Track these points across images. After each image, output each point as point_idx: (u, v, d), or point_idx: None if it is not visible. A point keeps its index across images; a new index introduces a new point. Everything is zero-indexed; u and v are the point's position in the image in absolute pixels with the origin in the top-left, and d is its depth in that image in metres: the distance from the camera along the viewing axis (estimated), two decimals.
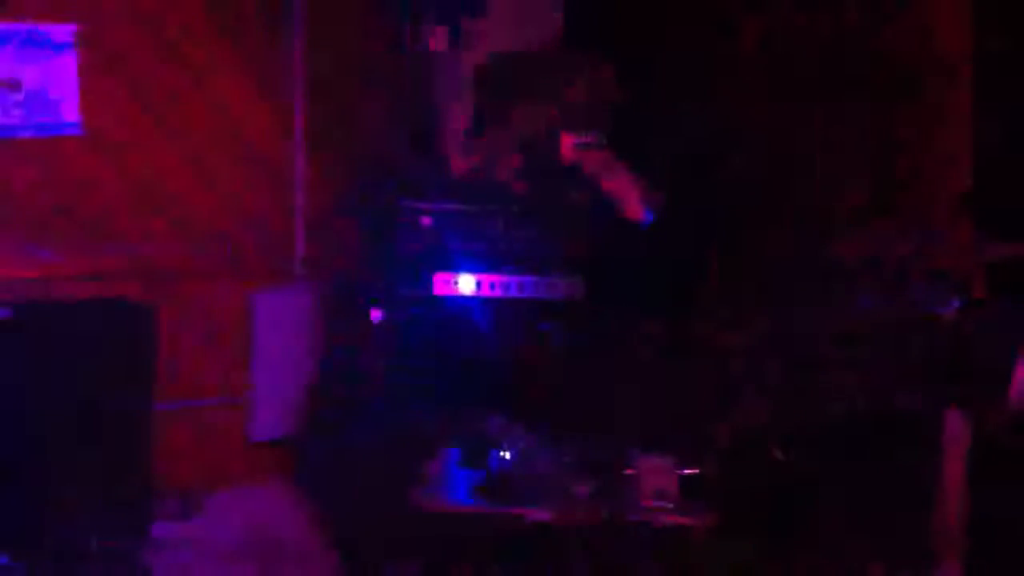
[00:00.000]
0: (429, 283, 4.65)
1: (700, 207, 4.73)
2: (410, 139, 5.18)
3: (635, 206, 4.64)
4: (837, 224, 4.64)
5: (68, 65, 4.45)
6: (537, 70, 5.09)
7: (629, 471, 3.86)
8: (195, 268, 4.75)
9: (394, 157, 5.04)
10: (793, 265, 4.67)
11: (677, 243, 4.68)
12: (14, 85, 4.36)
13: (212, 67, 4.77)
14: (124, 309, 4.32)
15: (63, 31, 4.44)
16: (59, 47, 4.44)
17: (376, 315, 4.66)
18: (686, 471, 3.85)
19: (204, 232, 4.79)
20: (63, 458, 4.04)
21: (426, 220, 4.73)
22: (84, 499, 4.05)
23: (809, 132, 4.74)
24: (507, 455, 3.95)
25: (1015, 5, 4.17)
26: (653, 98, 4.92)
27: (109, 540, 4.04)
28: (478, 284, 4.67)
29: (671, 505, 3.75)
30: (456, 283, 4.66)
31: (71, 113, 4.47)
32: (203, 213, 4.79)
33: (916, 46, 4.39)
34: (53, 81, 4.44)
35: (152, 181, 4.66)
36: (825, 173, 4.72)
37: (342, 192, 5.06)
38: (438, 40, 5.13)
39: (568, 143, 4.82)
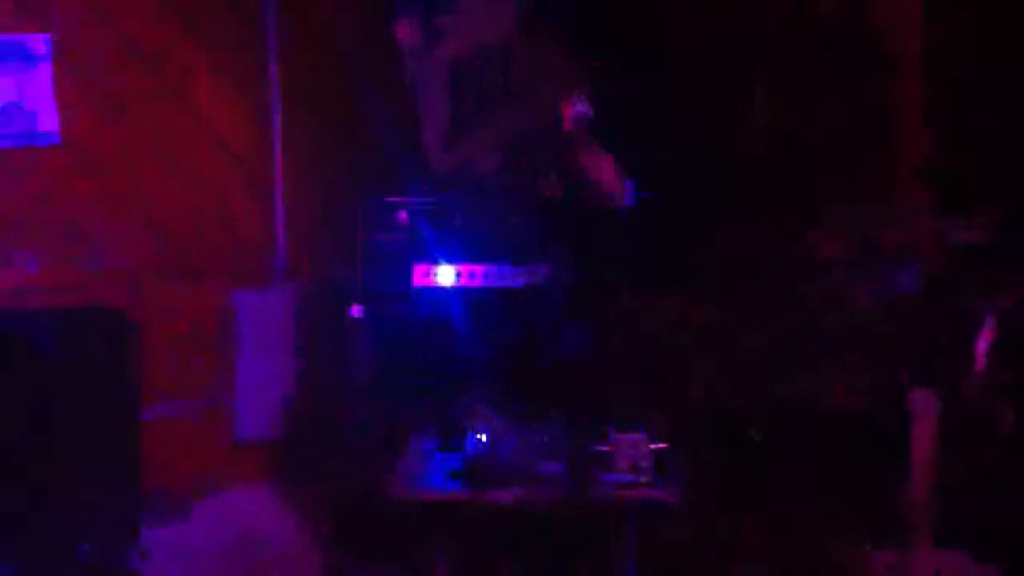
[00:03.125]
0: (408, 276, 4.69)
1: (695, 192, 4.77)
2: (390, 134, 5.22)
3: (617, 188, 4.67)
4: (812, 210, 4.68)
5: (44, 75, 4.53)
6: (512, 63, 5.12)
7: (603, 448, 3.87)
8: (174, 271, 4.78)
9: (373, 153, 5.08)
10: (774, 250, 4.71)
11: (668, 226, 4.72)
12: None
13: (186, 68, 4.83)
14: (104, 316, 4.37)
15: (38, 41, 4.52)
16: (34, 57, 4.52)
17: (356, 311, 4.70)
18: (658, 446, 3.86)
19: (182, 234, 4.83)
20: (51, 466, 4.06)
21: (403, 214, 4.77)
22: (72, 508, 4.07)
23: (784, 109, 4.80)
24: (483, 438, 3.97)
25: None
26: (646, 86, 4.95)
27: (98, 548, 4.09)
28: (458, 275, 4.70)
29: (644, 480, 3.77)
30: (435, 275, 4.69)
31: (48, 123, 4.54)
32: (180, 215, 4.83)
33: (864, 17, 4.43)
34: (29, 91, 4.52)
35: (127, 185, 4.71)
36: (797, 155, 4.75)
37: (320, 189, 5.11)
38: (412, 34, 5.16)
39: (570, 114, 4.80)
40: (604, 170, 4.68)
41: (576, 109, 4.66)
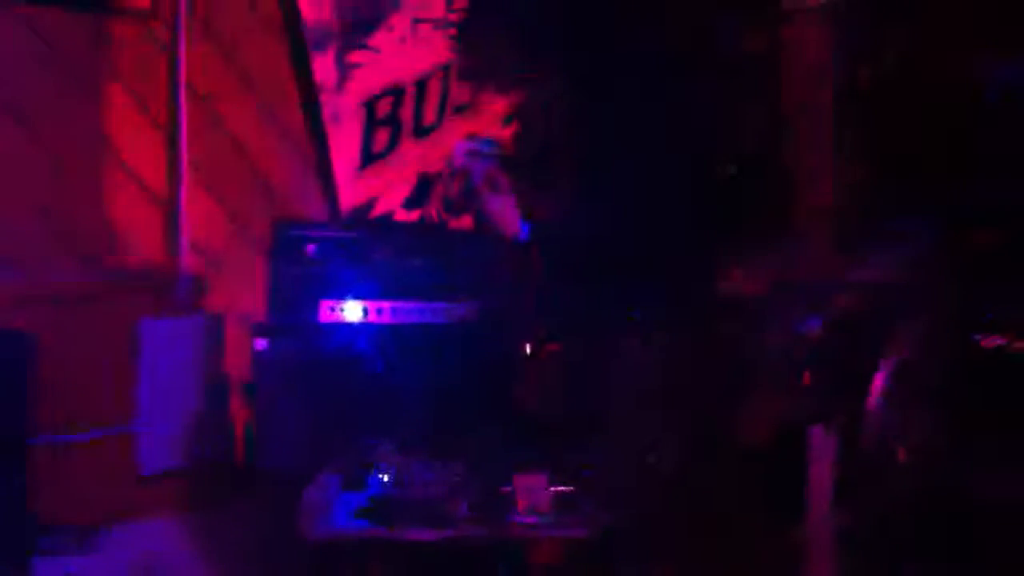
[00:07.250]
0: (315, 311, 4.64)
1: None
2: (300, 168, 5.20)
3: (511, 222, 4.69)
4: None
5: None
6: (427, 101, 5.14)
7: (504, 489, 3.87)
8: (79, 296, 4.70)
9: (282, 185, 5.06)
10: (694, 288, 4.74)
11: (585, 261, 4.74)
12: None
13: (94, 92, 4.77)
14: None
15: None
16: None
17: (260, 344, 4.64)
18: (559, 488, 3.86)
19: (86, 257, 4.75)
20: None
21: (311, 248, 4.73)
22: None
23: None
24: (386, 478, 3.95)
25: None
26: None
27: None
28: (365, 311, 4.66)
29: (542, 522, 3.77)
30: (343, 310, 4.66)
31: None
32: (84, 239, 4.76)
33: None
34: None
35: (32, 207, 4.62)
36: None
37: (228, 219, 5.07)
38: (325, 71, 5.16)
39: (460, 149, 4.84)
40: (503, 209, 4.70)
41: (465, 146, 4.71)
